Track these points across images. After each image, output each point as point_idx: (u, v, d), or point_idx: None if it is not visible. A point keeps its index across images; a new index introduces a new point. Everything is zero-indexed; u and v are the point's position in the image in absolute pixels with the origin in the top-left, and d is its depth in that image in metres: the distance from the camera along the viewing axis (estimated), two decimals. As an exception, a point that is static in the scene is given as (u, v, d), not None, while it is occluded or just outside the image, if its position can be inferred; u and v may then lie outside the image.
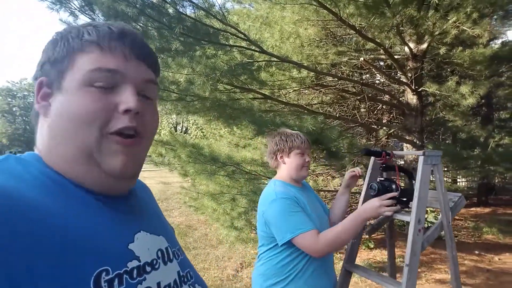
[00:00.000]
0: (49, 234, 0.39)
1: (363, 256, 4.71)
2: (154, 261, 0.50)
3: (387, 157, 1.50)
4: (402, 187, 1.45)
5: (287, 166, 1.51)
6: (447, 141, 8.33)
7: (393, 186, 1.44)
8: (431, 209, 5.62)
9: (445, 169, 6.31)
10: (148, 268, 0.48)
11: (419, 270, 1.30)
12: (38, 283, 0.35)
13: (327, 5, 3.77)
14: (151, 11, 3.14)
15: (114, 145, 0.47)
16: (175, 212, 7.96)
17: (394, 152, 1.50)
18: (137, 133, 0.49)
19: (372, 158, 1.67)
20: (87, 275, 0.39)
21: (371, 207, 1.35)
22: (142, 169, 0.56)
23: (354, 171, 1.61)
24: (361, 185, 1.72)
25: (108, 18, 2.92)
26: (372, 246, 5.03)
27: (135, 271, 0.45)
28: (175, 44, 3.35)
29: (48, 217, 0.40)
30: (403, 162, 5.47)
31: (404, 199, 1.46)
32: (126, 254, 0.46)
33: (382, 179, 1.50)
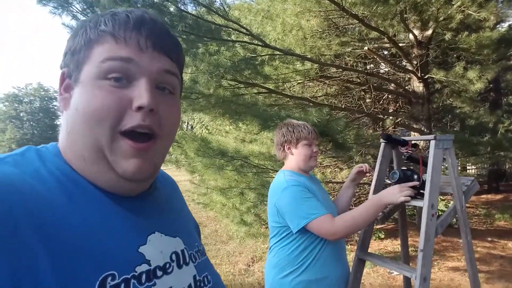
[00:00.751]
0: (55, 233, 0.37)
1: (374, 247, 4.70)
2: (167, 265, 0.48)
3: (413, 148, 1.46)
4: (424, 180, 1.42)
5: (295, 157, 1.51)
6: (455, 128, 8.22)
7: (415, 176, 1.41)
8: (441, 197, 5.57)
9: (454, 156, 6.24)
10: (159, 273, 0.46)
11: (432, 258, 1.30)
12: (39, 285, 0.34)
13: (328, -5, 3.74)
14: (152, 10, 3.14)
15: (127, 147, 0.45)
16: (184, 210, 8.02)
17: (404, 137, 1.48)
18: (152, 132, 0.46)
19: (382, 147, 1.65)
20: (92, 280, 0.38)
21: (391, 193, 1.33)
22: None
23: (361, 167, 1.59)
24: (371, 175, 1.71)
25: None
26: (383, 236, 5.02)
27: (144, 276, 0.43)
28: (178, 42, 3.35)
29: (56, 216, 0.39)
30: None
31: (422, 191, 1.43)
32: (135, 258, 0.44)
33: (405, 168, 1.48)
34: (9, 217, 0.35)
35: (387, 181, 1.47)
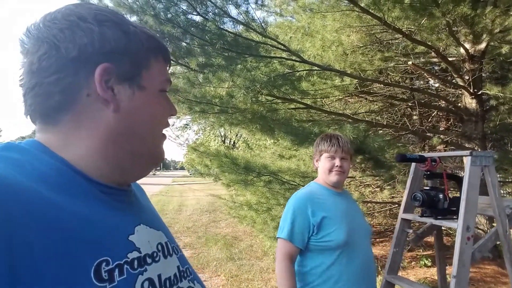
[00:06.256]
0: (49, 224, 0.38)
1: (419, 275, 4.32)
2: (155, 254, 0.50)
3: (433, 163, 1.37)
4: (450, 197, 1.32)
5: (319, 169, 1.50)
6: (517, 150, 7.40)
7: (440, 196, 1.31)
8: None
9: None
10: (149, 260, 0.48)
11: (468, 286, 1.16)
12: (41, 274, 0.35)
13: (370, 10, 3.67)
14: (194, 29, 3.34)
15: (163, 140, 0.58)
16: (222, 223, 8.11)
17: (435, 153, 1.38)
18: None
19: (413, 165, 1.56)
20: (87, 265, 0.39)
21: None
22: (192, 182, 0.62)
23: None
24: (401, 195, 1.61)
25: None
26: (429, 264, 4.60)
27: (135, 262, 0.45)
28: (218, 59, 3.50)
29: (48, 207, 0.40)
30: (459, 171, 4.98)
31: (454, 208, 1.33)
32: (127, 245, 0.46)
33: (428, 188, 1.38)
34: (5, 209, 0.35)
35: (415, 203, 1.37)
